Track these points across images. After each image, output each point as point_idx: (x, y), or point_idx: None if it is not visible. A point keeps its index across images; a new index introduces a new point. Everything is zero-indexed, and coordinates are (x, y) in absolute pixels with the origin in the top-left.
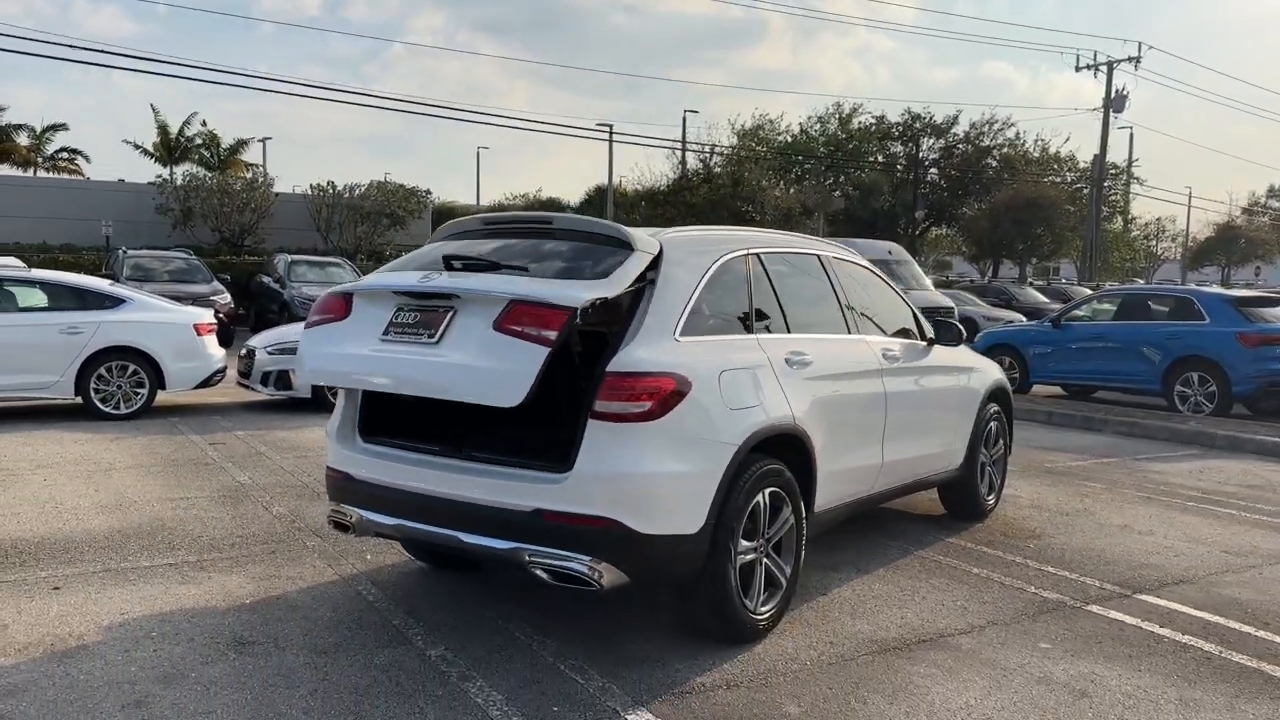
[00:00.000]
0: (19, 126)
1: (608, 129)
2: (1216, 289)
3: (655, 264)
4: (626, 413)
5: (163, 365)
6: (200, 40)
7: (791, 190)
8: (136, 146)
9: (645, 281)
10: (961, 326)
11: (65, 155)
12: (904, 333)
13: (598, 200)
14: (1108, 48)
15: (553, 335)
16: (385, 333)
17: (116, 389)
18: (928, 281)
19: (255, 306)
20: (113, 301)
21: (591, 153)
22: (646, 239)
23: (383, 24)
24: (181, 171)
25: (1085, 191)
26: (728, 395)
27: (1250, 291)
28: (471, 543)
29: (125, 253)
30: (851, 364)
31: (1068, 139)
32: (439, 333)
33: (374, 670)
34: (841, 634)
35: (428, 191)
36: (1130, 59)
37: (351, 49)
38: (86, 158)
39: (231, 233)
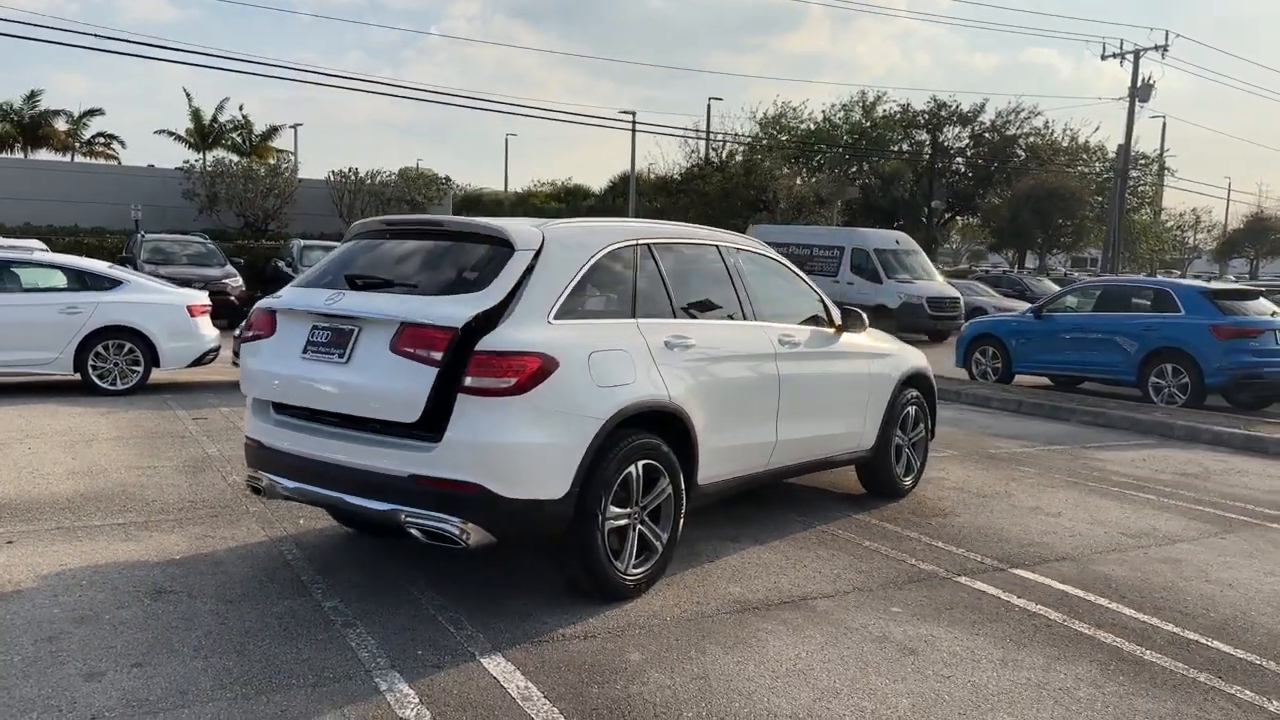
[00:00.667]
0: (57, 112)
1: (630, 117)
2: (1193, 281)
3: (538, 254)
4: (493, 388)
5: (157, 344)
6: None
7: (812, 179)
8: (170, 133)
9: (527, 270)
10: (862, 313)
11: (102, 140)
12: (813, 320)
13: (621, 187)
14: (1139, 36)
15: (439, 356)
16: (304, 351)
17: (113, 366)
18: (935, 271)
19: (271, 290)
20: (110, 283)
21: (622, 140)
22: (528, 234)
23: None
24: (210, 157)
25: (1113, 182)
26: (597, 374)
27: (1228, 284)
28: (356, 504)
29: (144, 236)
30: (741, 348)
31: (1097, 128)
32: (348, 353)
33: (269, 617)
34: (712, 595)
35: (447, 179)
36: (1157, 47)
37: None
38: (122, 143)
39: (255, 218)
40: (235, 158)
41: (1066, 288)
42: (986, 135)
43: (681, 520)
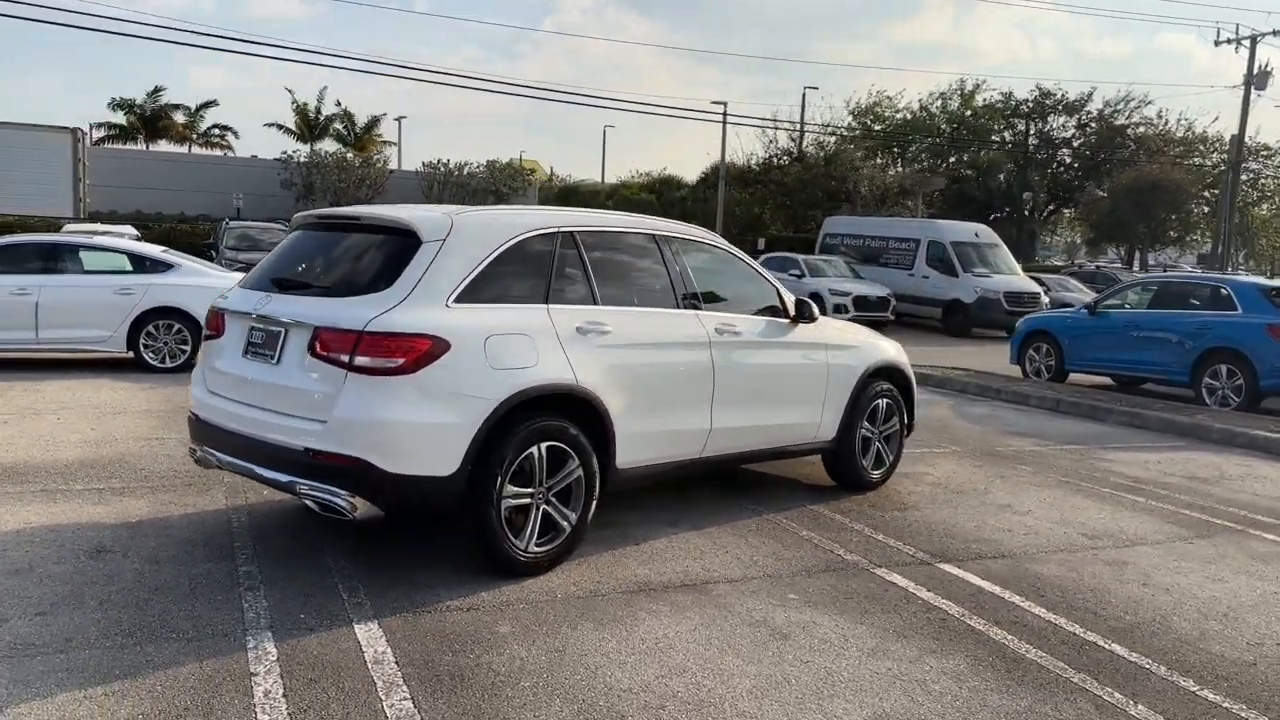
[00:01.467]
0: (176, 105)
1: (721, 108)
2: (1253, 278)
3: (443, 242)
4: (380, 367)
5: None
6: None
7: (905, 170)
8: (280, 126)
9: (431, 259)
10: (813, 303)
11: (217, 131)
12: (766, 310)
13: (712, 178)
14: (1257, 20)
15: (345, 358)
16: (245, 352)
17: (163, 345)
18: (1015, 265)
19: None
20: (163, 266)
21: (717, 130)
22: (435, 225)
23: (540, 1)
24: (313, 148)
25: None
26: (492, 357)
27: None
28: (264, 474)
29: (228, 224)
30: (668, 335)
31: (1216, 118)
32: (278, 355)
33: (183, 577)
34: (616, 576)
35: (531, 170)
36: (1275, 32)
37: (498, 31)
38: (236, 134)
39: (348, 205)
40: (339, 148)
41: (1124, 283)
42: (1093, 125)
43: (594, 502)
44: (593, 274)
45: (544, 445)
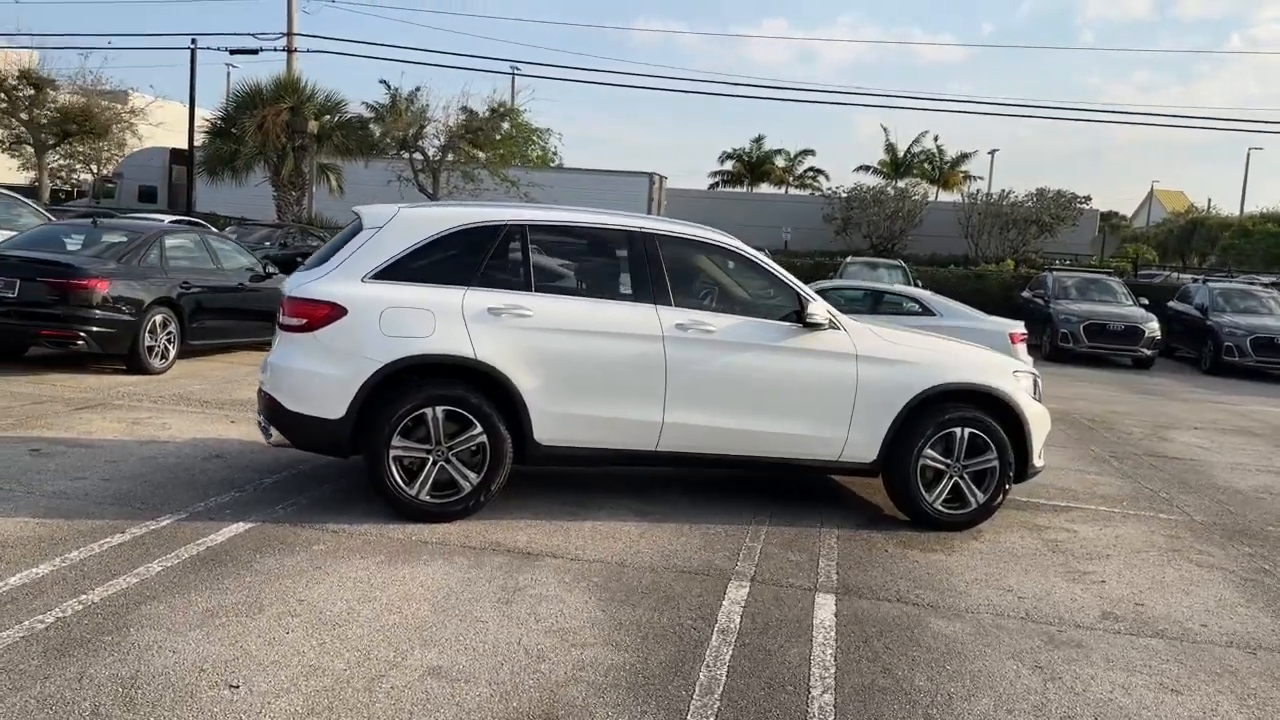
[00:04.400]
0: (777, 151)
1: None
2: None
3: (380, 229)
4: (292, 325)
5: None
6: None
7: None
8: (867, 168)
9: (365, 242)
10: (829, 311)
11: (810, 174)
12: (775, 314)
13: None
14: None
15: (279, 318)
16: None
17: None
18: None
19: None
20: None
21: None
22: (379, 215)
23: (1219, 20)
24: (856, 184)
25: None
26: (386, 325)
27: None
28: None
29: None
30: (607, 326)
31: None
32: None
33: (196, 472)
34: (468, 533)
35: (1086, 198)
36: None
37: (1172, 57)
38: (826, 175)
39: (881, 239)
40: (926, 184)
41: None
42: None
43: (502, 469)
44: (533, 264)
45: (439, 409)
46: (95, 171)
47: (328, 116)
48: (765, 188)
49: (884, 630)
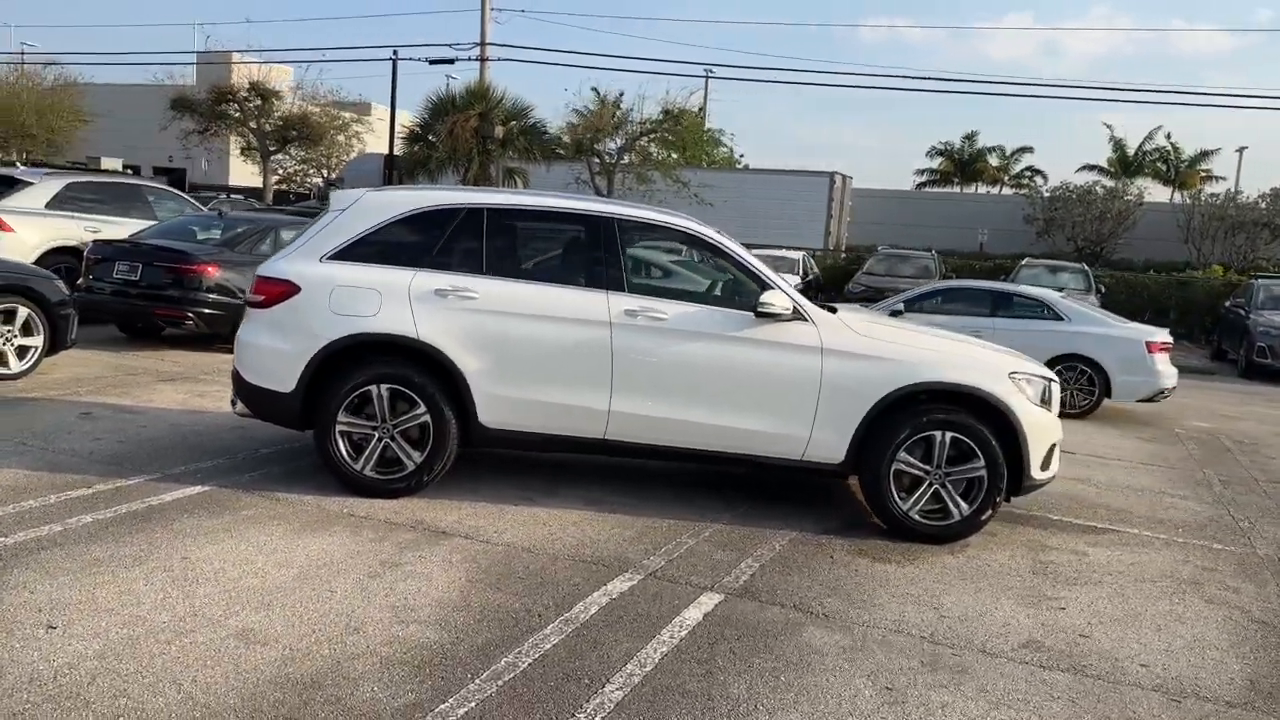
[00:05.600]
0: (991, 149)
1: None
2: None
3: (343, 212)
4: (254, 301)
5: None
6: None
7: None
8: (1092, 167)
9: (328, 223)
10: (798, 300)
11: (1028, 174)
12: (726, 302)
13: None
14: None
15: (255, 299)
16: None
17: None
18: None
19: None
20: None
21: None
22: (345, 198)
23: None
24: (1105, 183)
25: None
26: (335, 304)
27: None
28: None
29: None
30: (553, 311)
31: None
32: None
33: (221, 440)
34: (398, 511)
35: None
36: None
37: None
38: (1045, 176)
39: (1087, 241)
40: (1157, 184)
41: None
42: None
43: (446, 449)
44: (487, 248)
45: (385, 387)
46: (325, 176)
47: (513, 122)
48: (979, 189)
49: (745, 635)
